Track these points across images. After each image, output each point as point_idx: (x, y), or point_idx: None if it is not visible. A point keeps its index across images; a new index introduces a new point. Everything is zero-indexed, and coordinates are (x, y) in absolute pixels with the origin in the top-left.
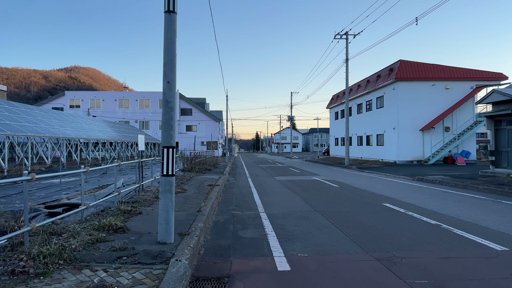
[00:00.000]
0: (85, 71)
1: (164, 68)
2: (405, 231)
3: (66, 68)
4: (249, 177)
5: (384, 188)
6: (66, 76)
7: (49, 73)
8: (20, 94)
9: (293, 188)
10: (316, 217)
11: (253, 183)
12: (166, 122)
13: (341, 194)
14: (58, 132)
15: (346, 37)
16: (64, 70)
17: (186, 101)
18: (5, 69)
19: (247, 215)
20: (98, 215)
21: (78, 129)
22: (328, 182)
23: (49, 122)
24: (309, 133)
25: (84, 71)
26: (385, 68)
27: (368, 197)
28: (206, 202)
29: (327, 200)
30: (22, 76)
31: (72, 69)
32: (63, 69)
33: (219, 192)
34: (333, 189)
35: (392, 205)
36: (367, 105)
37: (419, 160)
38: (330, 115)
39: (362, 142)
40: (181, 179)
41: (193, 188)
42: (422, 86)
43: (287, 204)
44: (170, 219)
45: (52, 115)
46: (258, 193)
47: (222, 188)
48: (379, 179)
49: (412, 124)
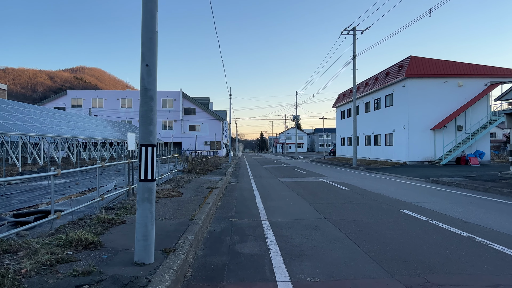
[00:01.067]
0: (91, 71)
1: (142, 48)
2: (434, 246)
3: (72, 68)
4: (252, 178)
5: (398, 191)
6: (72, 76)
7: (54, 74)
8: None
9: (299, 191)
10: (327, 226)
11: (256, 185)
12: (145, 115)
13: (352, 198)
14: (53, 131)
15: (353, 32)
16: (70, 70)
17: (189, 100)
18: (12, 69)
19: (248, 224)
20: (74, 225)
21: (75, 128)
22: (336, 184)
23: (43, 121)
24: (314, 133)
25: (89, 71)
26: (394, 65)
27: (382, 202)
28: (202, 208)
29: (337, 205)
30: (28, 77)
31: (78, 69)
32: (69, 70)
33: (218, 196)
34: (343, 192)
35: (411, 211)
36: (375, 104)
37: (430, 160)
38: (336, 114)
39: (370, 142)
40: (178, 181)
41: (190, 191)
42: (434, 83)
43: (292, 210)
44: (149, 234)
45: (48, 114)
46: (261, 197)
47: (222, 191)
48: (390, 181)
49: (423, 123)
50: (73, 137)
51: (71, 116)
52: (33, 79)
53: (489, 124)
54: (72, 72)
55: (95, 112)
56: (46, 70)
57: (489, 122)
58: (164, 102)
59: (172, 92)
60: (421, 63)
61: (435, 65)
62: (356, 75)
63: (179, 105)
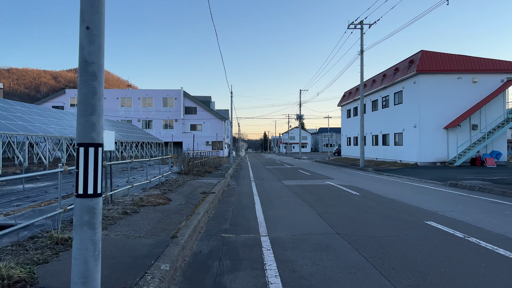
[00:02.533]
0: None
1: (82, 4)
2: (490, 279)
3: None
4: (254, 181)
5: (416, 197)
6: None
7: (58, 74)
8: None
9: (304, 196)
10: (341, 245)
11: (257, 189)
12: (84, 101)
13: (366, 205)
14: (39, 130)
15: (360, 26)
16: (74, 70)
17: (191, 99)
18: (16, 69)
19: (243, 241)
20: (19, 247)
21: (65, 127)
22: (346, 188)
23: (28, 119)
24: (318, 133)
25: None
26: (404, 60)
27: (402, 211)
28: (189, 220)
29: (350, 215)
30: (32, 77)
31: None
32: (73, 70)
33: (212, 203)
34: (354, 198)
35: (440, 224)
36: (383, 101)
37: (443, 161)
38: (341, 113)
39: (378, 141)
40: (170, 185)
41: (181, 197)
42: (447, 79)
43: (298, 222)
44: (90, 274)
45: (36, 111)
46: (262, 204)
47: (219, 196)
48: (404, 185)
49: (435, 121)
50: (61, 136)
51: (62, 114)
52: (37, 79)
53: (506, 123)
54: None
55: None
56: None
57: (505, 120)
58: (165, 101)
59: (172, 90)
60: (433, 58)
61: (448, 60)
62: (363, 71)
63: (180, 104)
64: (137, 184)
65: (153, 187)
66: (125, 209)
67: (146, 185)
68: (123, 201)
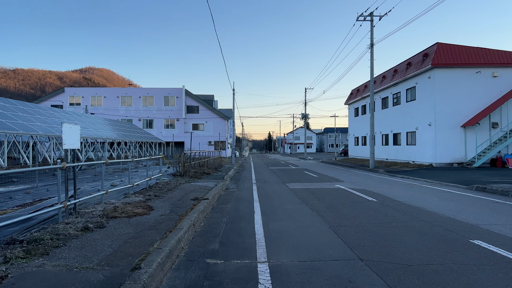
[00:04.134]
0: (100, 72)
1: None
2: None
3: (81, 69)
4: (255, 183)
5: (444, 205)
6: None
7: (64, 74)
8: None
9: (312, 203)
10: (369, 282)
11: (258, 194)
12: None
13: (388, 215)
14: (21, 127)
15: (370, 18)
16: (79, 71)
17: (193, 98)
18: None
19: (234, 272)
20: None
21: (52, 124)
22: (359, 193)
23: (10, 116)
24: (324, 133)
25: (98, 72)
26: (418, 54)
27: (434, 224)
28: (166, 239)
29: (371, 229)
30: (37, 77)
31: (87, 70)
32: (78, 70)
33: (203, 212)
34: (371, 205)
35: (491, 244)
36: (394, 99)
37: (460, 162)
38: (349, 112)
39: (388, 141)
40: (159, 189)
41: (166, 205)
42: (464, 74)
43: (307, 240)
44: None
45: (20, 108)
46: (262, 213)
47: (213, 203)
48: (423, 189)
49: (452, 119)
50: (45, 134)
51: (52, 112)
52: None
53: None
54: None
55: (95, 111)
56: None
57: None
58: (166, 100)
59: (174, 89)
60: (449, 50)
61: (466, 53)
62: (373, 65)
63: (182, 103)
64: (117, 188)
65: (138, 192)
66: (88, 223)
67: (128, 190)
68: (91, 212)
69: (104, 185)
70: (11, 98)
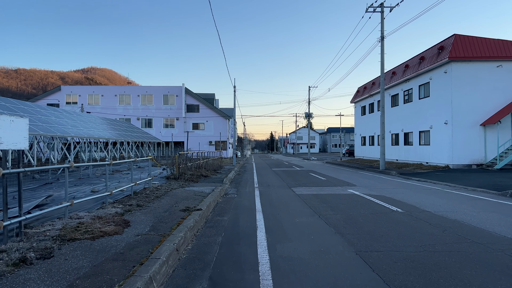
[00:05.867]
0: (102, 72)
1: None
2: None
3: (83, 69)
4: (258, 187)
5: (486, 218)
6: (83, 77)
7: (66, 74)
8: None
9: (326, 214)
10: None
11: (261, 202)
12: None
13: (424, 234)
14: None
15: (381, 9)
16: (81, 71)
17: (193, 97)
18: (23, 70)
19: None
20: None
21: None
22: (378, 200)
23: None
24: (327, 133)
25: (100, 72)
26: (432, 48)
27: (492, 247)
28: (132, 278)
29: (413, 257)
30: (39, 77)
31: (89, 70)
32: (80, 70)
33: (193, 229)
34: (398, 218)
35: None
36: (405, 96)
37: (479, 163)
38: (355, 110)
39: (399, 141)
40: (145, 196)
41: (149, 219)
42: (484, 68)
43: (329, 275)
44: None
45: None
46: (267, 230)
47: (207, 215)
48: (448, 194)
49: (470, 117)
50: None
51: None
52: (45, 80)
53: None
54: (83, 73)
55: (92, 110)
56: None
57: None
58: (165, 99)
59: (173, 87)
60: (468, 43)
61: (486, 45)
62: (384, 60)
63: (182, 102)
64: (88, 198)
65: (118, 200)
66: (30, 252)
67: (105, 198)
68: (44, 232)
69: (84, 191)
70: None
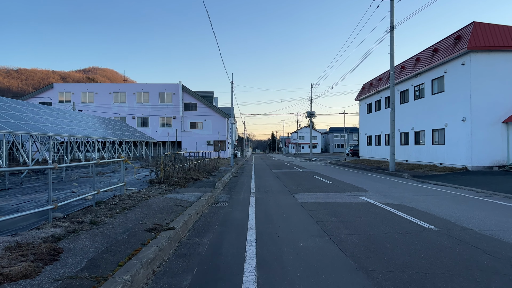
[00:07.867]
0: (103, 72)
1: None
2: None
3: (84, 69)
4: (254, 193)
5: None
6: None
7: (67, 74)
8: None
9: (339, 234)
10: None
11: (255, 214)
12: None
13: (485, 271)
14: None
15: None
16: (82, 71)
17: (191, 95)
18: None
19: None
20: None
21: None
22: (400, 212)
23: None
24: (329, 133)
25: (101, 72)
26: (448, 38)
27: None
28: None
29: None
30: (40, 77)
31: (90, 70)
32: (81, 70)
33: (150, 265)
34: (436, 241)
35: None
36: (416, 91)
37: (501, 165)
38: (360, 108)
39: (408, 140)
40: (110, 208)
41: (94, 246)
42: (506, 59)
43: None
44: None
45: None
46: (259, 263)
47: (181, 236)
48: (484, 204)
49: (491, 113)
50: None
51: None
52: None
53: None
54: (85, 73)
55: (85, 108)
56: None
57: None
58: (162, 97)
59: (170, 85)
60: (489, 31)
61: (510, 33)
62: (394, 52)
63: (179, 100)
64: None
65: (70, 215)
66: None
67: (49, 212)
68: None
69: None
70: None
